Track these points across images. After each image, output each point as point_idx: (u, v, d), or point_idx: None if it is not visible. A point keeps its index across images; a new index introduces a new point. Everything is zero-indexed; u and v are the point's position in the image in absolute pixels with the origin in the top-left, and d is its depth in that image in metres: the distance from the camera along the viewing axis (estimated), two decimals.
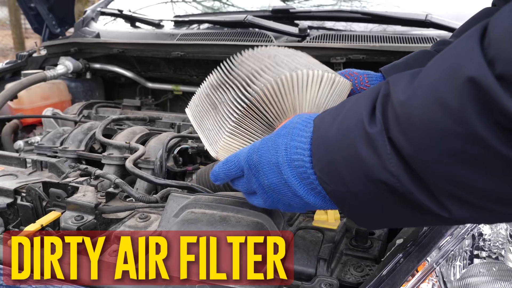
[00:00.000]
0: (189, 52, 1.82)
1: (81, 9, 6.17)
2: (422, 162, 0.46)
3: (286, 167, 0.61)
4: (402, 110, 0.46)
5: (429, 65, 0.47)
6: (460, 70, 0.41)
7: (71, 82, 2.09)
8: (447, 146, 0.43)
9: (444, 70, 0.43)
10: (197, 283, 0.69)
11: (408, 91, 0.46)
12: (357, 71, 0.89)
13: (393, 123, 0.48)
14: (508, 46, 0.38)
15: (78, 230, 0.89)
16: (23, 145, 1.61)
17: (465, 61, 0.41)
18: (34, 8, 2.11)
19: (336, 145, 0.55)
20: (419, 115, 0.44)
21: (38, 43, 2.24)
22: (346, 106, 0.56)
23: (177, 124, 1.62)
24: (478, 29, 0.42)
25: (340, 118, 0.55)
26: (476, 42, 0.41)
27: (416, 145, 0.45)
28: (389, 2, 1.97)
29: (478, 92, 0.39)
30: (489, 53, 0.40)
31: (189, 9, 2.34)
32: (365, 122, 0.51)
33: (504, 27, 0.39)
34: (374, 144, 0.49)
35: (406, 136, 0.46)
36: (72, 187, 1.02)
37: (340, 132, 0.54)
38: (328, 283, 0.74)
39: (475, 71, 0.39)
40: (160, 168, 1.30)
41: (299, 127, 0.62)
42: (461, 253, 0.78)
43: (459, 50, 0.43)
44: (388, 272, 0.72)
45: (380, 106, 0.50)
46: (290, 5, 2.13)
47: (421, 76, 0.46)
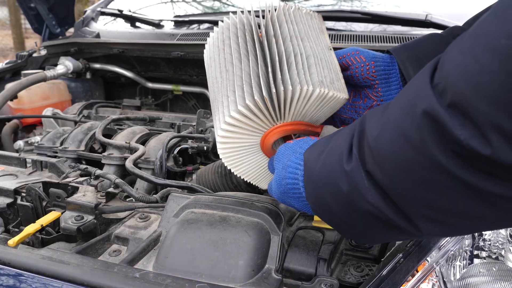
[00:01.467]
0: (189, 52, 1.82)
1: (81, 9, 6.18)
2: (395, 190, 0.51)
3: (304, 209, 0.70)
4: (375, 144, 0.51)
5: (393, 101, 0.52)
6: (416, 106, 0.46)
7: (71, 82, 2.09)
8: (414, 175, 0.48)
9: (404, 106, 0.48)
10: (197, 283, 0.69)
11: (379, 126, 0.51)
12: (364, 55, 0.84)
13: (368, 157, 0.52)
14: (456, 78, 0.42)
15: (78, 230, 0.89)
16: (23, 145, 1.61)
17: (419, 97, 0.46)
18: (34, 8, 2.11)
19: (320, 181, 0.61)
20: (388, 148, 0.49)
21: (38, 43, 2.24)
22: (330, 143, 0.62)
23: (177, 124, 1.62)
24: (430, 66, 0.48)
25: (323, 156, 0.61)
26: (427, 78, 0.46)
27: (390, 176, 0.50)
28: (389, 2, 1.97)
29: (432, 124, 0.44)
30: (440, 86, 0.44)
31: (189, 9, 2.34)
32: (343, 160, 0.56)
33: (453, 61, 0.43)
34: (353, 180, 0.54)
35: (380, 168, 0.51)
36: (72, 187, 1.02)
37: (324, 169, 0.60)
38: (328, 283, 0.74)
39: (427, 105, 0.44)
40: (160, 168, 1.30)
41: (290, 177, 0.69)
42: (461, 253, 0.78)
43: (415, 87, 0.48)
44: (388, 272, 0.72)
45: (356, 144, 0.55)
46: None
47: (388, 111, 0.51)
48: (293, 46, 0.76)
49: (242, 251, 0.74)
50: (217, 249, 0.75)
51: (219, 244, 0.76)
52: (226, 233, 0.77)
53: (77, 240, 0.94)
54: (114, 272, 0.71)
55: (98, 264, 0.74)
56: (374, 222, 0.56)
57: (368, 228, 0.58)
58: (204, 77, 1.98)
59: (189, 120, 1.71)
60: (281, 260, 0.79)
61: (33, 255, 0.77)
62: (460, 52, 0.43)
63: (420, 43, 0.85)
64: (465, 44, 0.43)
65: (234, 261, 0.74)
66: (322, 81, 0.74)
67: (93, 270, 0.72)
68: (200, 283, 0.69)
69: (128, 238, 0.88)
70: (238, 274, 0.72)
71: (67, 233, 0.90)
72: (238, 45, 0.80)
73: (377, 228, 0.57)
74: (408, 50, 0.84)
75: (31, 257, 0.75)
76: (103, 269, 0.72)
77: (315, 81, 0.73)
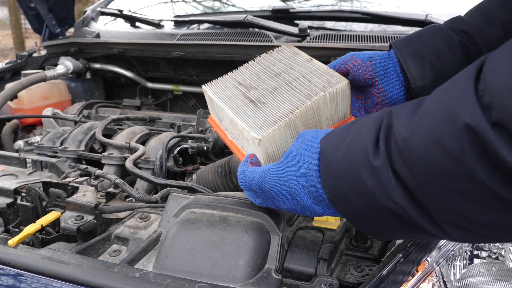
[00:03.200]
0: (189, 52, 1.82)
1: (81, 9, 6.18)
2: (425, 194, 0.49)
3: (301, 194, 0.65)
4: (404, 146, 0.49)
5: (428, 103, 0.49)
6: (457, 116, 0.44)
7: (71, 82, 2.09)
8: (448, 183, 0.46)
9: (442, 114, 0.46)
10: (197, 283, 0.69)
11: (410, 127, 0.49)
12: (360, 57, 0.85)
13: (396, 156, 0.51)
14: (503, 95, 0.40)
15: (78, 230, 0.89)
16: (23, 145, 1.61)
17: (461, 107, 0.44)
18: (34, 8, 2.11)
19: (341, 172, 0.58)
20: (421, 153, 0.47)
21: (38, 43, 2.24)
22: (351, 133, 0.59)
23: (177, 124, 1.62)
24: (473, 69, 0.45)
25: (345, 145, 0.58)
26: (471, 85, 0.44)
27: (419, 179, 0.49)
28: (389, 2, 1.97)
29: (475, 138, 0.42)
30: (484, 99, 0.42)
31: (189, 9, 2.33)
32: (369, 154, 0.54)
33: (500, 75, 0.41)
34: (379, 176, 0.52)
35: (409, 170, 0.49)
36: (72, 187, 1.02)
37: (345, 160, 0.57)
38: (328, 283, 0.74)
39: (471, 119, 0.42)
40: (160, 168, 1.30)
41: (304, 153, 0.65)
42: (461, 253, 0.78)
43: (455, 93, 0.46)
44: (388, 272, 0.72)
45: (383, 139, 0.53)
46: (290, 5, 2.13)
47: (421, 113, 0.49)
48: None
49: (242, 251, 0.74)
50: (217, 249, 0.75)
51: (219, 244, 0.76)
52: (226, 233, 0.77)
53: (77, 240, 0.94)
54: (114, 272, 0.71)
55: (98, 264, 0.74)
56: (396, 220, 0.54)
57: (387, 224, 0.57)
58: (204, 77, 1.99)
59: (189, 120, 1.71)
60: (281, 260, 0.79)
61: (33, 255, 0.77)
62: (508, 65, 0.41)
63: (420, 38, 0.85)
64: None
65: (234, 261, 0.74)
66: (324, 86, 0.77)
67: (93, 270, 0.72)
68: (200, 283, 0.69)
69: (128, 238, 0.88)
70: (238, 274, 0.72)
71: (67, 233, 0.90)
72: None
73: (397, 226, 0.56)
74: (409, 45, 0.84)
75: (31, 257, 0.75)
76: (103, 269, 0.72)
77: (320, 88, 0.76)
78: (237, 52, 1.73)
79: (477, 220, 0.47)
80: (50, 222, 0.92)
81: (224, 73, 0.91)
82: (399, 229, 0.56)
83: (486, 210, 0.45)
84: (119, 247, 0.88)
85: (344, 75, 0.86)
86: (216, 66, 1.88)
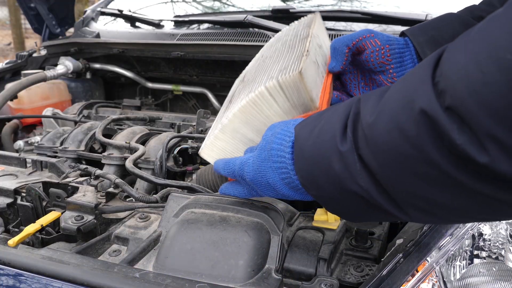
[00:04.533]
0: (189, 52, 1.82)
1: (81, 9, 6.17)
2: (387, 178, 0.51)
3: (279, 185, 0.67)
4: (369, 131, 0.51)
5: (391, 89, 0.51)
6: (414, 102, 0.46)
7: (71, 82, 2.09)
8: (407, 167, 0.48)
9: (402, 100, 0.48)
10: (197, 283, 0.69)
11: (374, 113, 0.51)
12: (379, 38, 0.80)
13: (362, 141, 0.53)
14: (457, 81, 0.42)
15: (78, 230, 0.89)
16: (23, 145, 1.61)
17: (418, 93, 0.46)
18: (34, 8, 2.11)
19: (312, 159, 0.60)
20: (382, 138, 0.50)
21: (38, 43, 2.24)
22: (322, 120, 0.60)
23: (177, 124, 1.62)
24: (432, 59, 0.47)
25: (316, 132, 0.60)
26: (429, 72, 0.46)
27: (382, 164, 0.51)
28: (389, 2, 1.97)
29: (430, 123, 0.44)
30: (440, 85, 0.44)
31: (189, 9, 2.34)
32: (337, 140, 0.56)
33: (456, 62, 0.43)
34: (346, 161, 0.55)
35: (373, 155, 0.52)
36: (72, 187, 1.02)
37: (316, 146, 0.59)
38: (328, 283, 0.74)
39: (426, 104, 0.44)
40: (160, 168, 1.30)
41: (276, 147, 0.66)
42: (461, 253, 0.78)
43: (414, 80, 0.48)
44: (388, 272, 0.72)
45: (351, 125, 0.55)
46: (290, 5, 2.13)
47: (384, 100, 0.51)
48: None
49: (242, 251, 0.74)
50: (217, 249, 0.75)
51: (219, 244, 0.76)
52: (226, 233, 0.77)
53: (77, 240, 0.94)
54: (114, 272, 0.71)
55: (98, 264, 0.74)
56: (362, 203, 0.56)
57: (355, 207, 0.59)
58: (204, 77, 1.99)
59: (189, 120, 1.71)
60: (281, 260, 0.79)
61: (33, 255, 0.77)
62: (464, 53, 0.43)
63: (438, 25, 0.82)
64: (469, 46, 0.42)
65: (234, 261, 0.74)
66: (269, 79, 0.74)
67: (93, 270, 0.72)
68: (200, 283, 0.69)
69: (128, 238, 0.88)
70: (238, 274, 0.72)
71: (67, 233, 0.90)
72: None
73: (364, 209, 0.58)
74: (425, 32, 0.81)
75: (31, 257, 0.75)
76: (103, 269, 0.72)
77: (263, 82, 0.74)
78: (237, 52, 1.73)
79: (435, 201, 0.49)
80: (50, 222, 0.92)
81: (224, 73, 0.91)
82: (365, 211, 0.58)
83: (443, 191, 0.47)
84: (119, 247, 0.88)
85: (358, 53, 0.82)
86: (216, 66, 1.88)
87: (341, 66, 0.84)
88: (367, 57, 0.81)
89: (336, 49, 0.83)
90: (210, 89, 1.99)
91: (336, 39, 0.84)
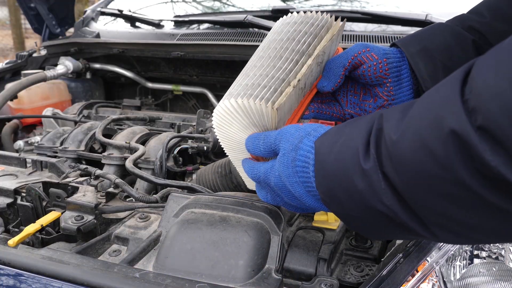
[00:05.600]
0: (189, 52, 1.82)
1: (81, 9, 6.18)
2: (413, 197, 0.50)
3: (305, 198, 0.66)
4: (394, 150, 0.50)
5: (416, 106, 0.49)
6: (443, 121, 0.44)
7: (71, 82, 2.09)
8: (435, 187, 0.46)
9: (428, 118, 0.46)
10: (197, 283, 0.69)
11: (399, 131, 0.49)
12: (376, 52, 0.79)
13: (386, 159, 0.51)
14: (489, 100, 0.40)
15: (78, 230, 0.89)
16: (23, 145, 1.61)
17: (447, 111, 0.44)
18: (34, 8, 2.11)
19: (333, 175, 0.58)
20: (408, 157, 0.48)
21: (38, 43, 2.24)
22: (343, 136, 0.59)
23: (177, 124, 1.62)
24: (461, 73, 0.45)
25: (337, 148, 0.58)
26: (457, 89, 0.44)
27: (407, 182, 0.49)
28: (389, 2, 1.97)
29: (460, 143, 0.42)
30: (470, 103, 0.42)
31: (189, 9, 2.34)
32: (360, 157, 0.54)
33: (486, 80, 0.41)
34: (369, 179, 0.53)
35: (398, 174, 0.50)
36: (72, 187, 1.02)
37: (337, 162, 0.58)
38: (328, 283, 0.74)
39: (456, 124, 0.42)
40: (160, 168, 1.30)
41: (301, 160, 0.64)
42: (461, 253, 0.78)
43: (442, 96, 0.46)
44: (388, 272, 0.72)
45: (373, 142, 0.53)
46: (290, 5, 2.13)
47: (409, 118, 0.49)
48: None
49: (242, 251, 0.74)
50: (217, 249, 0.75)
51: (219, 244, 0.76)
52: (226, 233, 0.77)
53: (77, 240, 0.94)
54: (114, 272, 0.71)
55: (98, 264, 0.74)
56: (386, 222, 0.55)
57: (378, 225, 0.57)
58: (204, 77, 1.99)
59: (189, 120, 1.71)
60: (281, 260, 0.79)
61: (33, 255, 0.77)
62: (495, 70, 0.41)
63: (429, 35, 0.81)
64: (501, 61, 0.41)
65: (234, 261, 0.74)
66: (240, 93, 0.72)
67: (93, 270, 0.72)
68: (200, 283, 0.69)
69: (128, 238, 0.88)
70: (238, 274, 0.72)
71: (67, 233, 0.90)
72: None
73: (388, 227, 0.56)
74: (417, 43, 0.80)
75: (31, 257, 0.75)
76: (103, 269, 0.72)
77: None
78: (237, 52, 1.73)
79: (465, 223, 0.47)
80: (50, 222, 0.92)
81: (224, 73, 0.91)
82: (390, 230, 0.57)
83: (473, 213, 0.46)
84: (119, 247, 0.88)
85: (354, 68, 0.80)
86: (216, 66, 1.88)
87: (332, 88, 0.82)
88: (364, 72, 0.80)
89: (331, 69, 0.81)
90: (210, 89, 1.99)
91: (331, 59, 0.82)
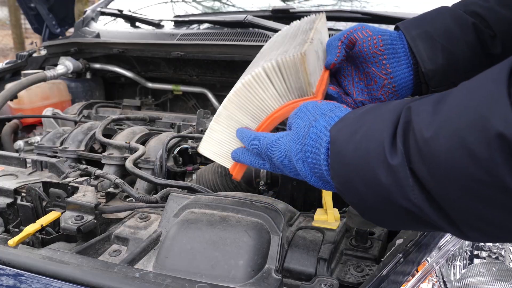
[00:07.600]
0: (189, 52, 1.82)
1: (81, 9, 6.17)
2: (445, 197, 0.47)
3: (310, 178, 0.65)
4: (426, 147, 0.47)
5: (453, 102, 0.46)
6: (488, 122, 0.41)
7: (71, 82, 2.09)
8: (473, 189, 0.44)
9: (470, 117, 0.43)
10: (197, 283, 0.69)
11: (432, 127, 0.46)
12: (370, 29, 0.81)
13: (415, 155, 0.48)
14: None
15: (78, 230, 0.89)
16: (23, 145, 1.61)
17: (492, 112, 0.41)
18: (34, 8, 2.11)
19: (354, 166, 0.55)
20: (444, 156, 0.45)
21: (38, 43, 2.24)
22: (365, 124, 0.56)
23: (177, 124, 1.62)
24: (505, 70, 0.41)
25: (358, 137, 0.55)
26: (503, 87, 0.41)
27: (440, 182, 0.46)
28: (389, 2, 1.97)
29: (507, 147, 0.40)
30: None
31: (189, 9, 2.34)
32: (386, 151, 0.51)
33: None
34: (396, 175, 0.50)
35: (429, 172, 0.47)
36: (72, 187, 1.02)
37: (359, 153, 0.55)
38: (328, 283, 0.74)
39: (504, 127, 0.40)
40: (160, 168, 1.30)
41: (312, 138, 0.63)
42: (461, 253, 0.78)
43: (485, 95, 0.42)
44: (388, 272, 0.72)
45: (401, 136, 0.50)
46: (290, 5, 2.13)
47: (445, 113, 0.46)
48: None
49: (242, 251, 0.74)
50: (217, 249, 0.75)
51: (219, 244, 0.76)
52: (226, 233, 0.77)
53: (77, 240, 0.94)
54: (114, 272, 0.71)
55: (98, 264, 0.74)
56: (409, 217, 0.52)
57: (398, 219, 0.55)
58: (204, 77, 1.99)
59: (189, 120, 1.71)
60: (281, 260, 0.80)
61: (33, 255, 0.77)
62: None
63: (431, 19, 0.80)
64: None
65: (234, 261, 0.74)
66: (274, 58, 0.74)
67: (93, 270, 0.72)
68: (200, 283, 0.69)
69: (128, 238, 0.88)
70: (238, 274, 0.72)
71: (67, 233, 0.90)
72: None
73: (409, 221, 0.54)
74: (418, 26, 0.80)
75: (31, 257, 0.75)
76: (103, 269, 0.72)
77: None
78: (237, 52, 1.73)
79: (501, 225, 0.45)
80: (50, 222, 0.92)
81: (224, 73, 0.91)
82: (410, 224, 0.55)
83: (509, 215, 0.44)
84: (119, 247, 0.88)
85: (351, 47, 0.82)
86: (216, 66, 1.88)
87: (335, 59, 0.82)
88: (360, 48, 0.80)
89: (330, 44, 0.84)
90: (210, 89, 1.99)
91: (330, 38, 0.86)
